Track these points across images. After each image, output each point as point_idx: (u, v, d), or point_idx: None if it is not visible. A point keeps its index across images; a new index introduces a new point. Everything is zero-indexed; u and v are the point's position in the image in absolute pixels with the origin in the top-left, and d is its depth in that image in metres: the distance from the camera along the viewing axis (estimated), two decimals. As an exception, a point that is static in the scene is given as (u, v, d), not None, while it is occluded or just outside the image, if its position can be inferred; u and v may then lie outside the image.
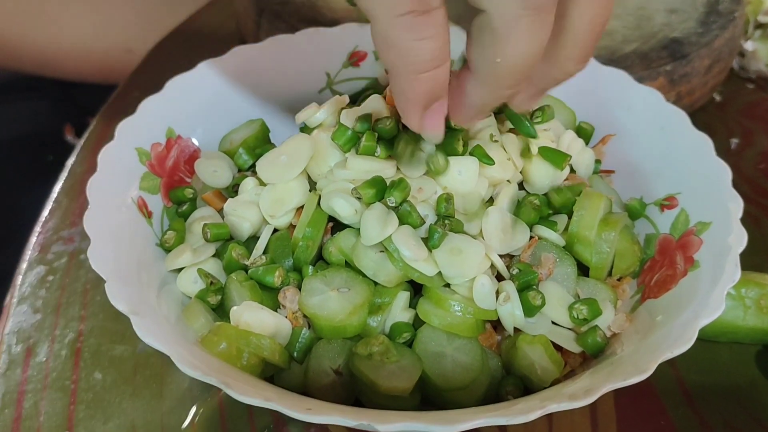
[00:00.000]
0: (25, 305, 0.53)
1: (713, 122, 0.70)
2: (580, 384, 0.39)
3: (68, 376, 0.48)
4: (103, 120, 0.69)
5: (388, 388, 0.40)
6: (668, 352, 0.37)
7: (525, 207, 0.46)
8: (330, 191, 0.45)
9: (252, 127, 0.54)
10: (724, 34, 0.67)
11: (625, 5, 0.73)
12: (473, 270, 0.42)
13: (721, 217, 0.45)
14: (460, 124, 0.43)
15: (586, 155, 0.51)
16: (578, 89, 0.55)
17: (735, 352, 0.50)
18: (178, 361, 0.36)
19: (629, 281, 0.48)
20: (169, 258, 0.47)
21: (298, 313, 0.44)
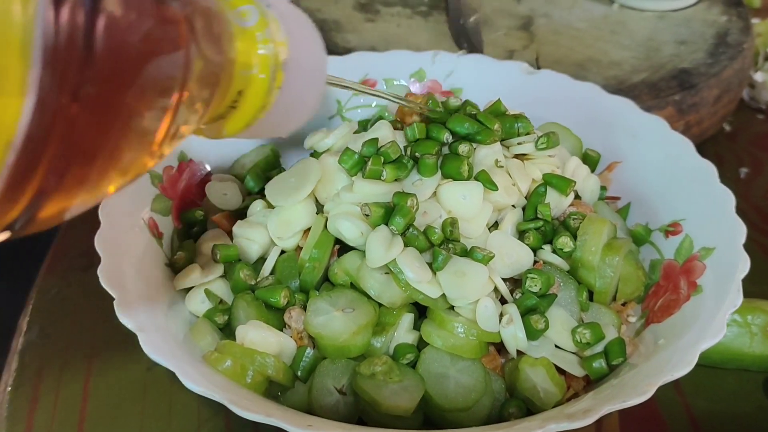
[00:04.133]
0: (36, 324, 0.54)
1: (723, 152, 0.71)
2: (580, 405, 0.39)
3: (78, 394, 0.49)
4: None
5: (390, 408, 0.40)
6: (668, 375, 0.38)
7: (529, 231, 0.46)
8: (337, 214, 0.45)
9: (263, 151, 0.55)
10: (733, 65, 0.68)
11: (635, 36, 0.74)
12: (477, 292, 0.43)
13: (724, 242, 0.46)
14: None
15: (591, 181, 0.52)
16: (585, 117, 0.56)
17: (742, 379, 0.49)
18: (183, 377, 0.37)
19: (634, 306, 0.49)
20: (178, 278, 0.48)
21: (303, 332, 0.44)
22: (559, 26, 0.76)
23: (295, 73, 0.32)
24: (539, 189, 0.48)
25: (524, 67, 0.60)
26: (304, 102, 0.36)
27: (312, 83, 0.35)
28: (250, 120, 0.32)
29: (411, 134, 0.48)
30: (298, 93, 0.34)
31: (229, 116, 0.32)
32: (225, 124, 0.32)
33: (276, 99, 0.32)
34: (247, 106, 0.31)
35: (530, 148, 0.49)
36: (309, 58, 0.34)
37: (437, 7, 0.78)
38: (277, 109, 0.33)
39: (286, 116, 0.35)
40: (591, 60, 0.70)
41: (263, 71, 0.31)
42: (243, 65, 0.30)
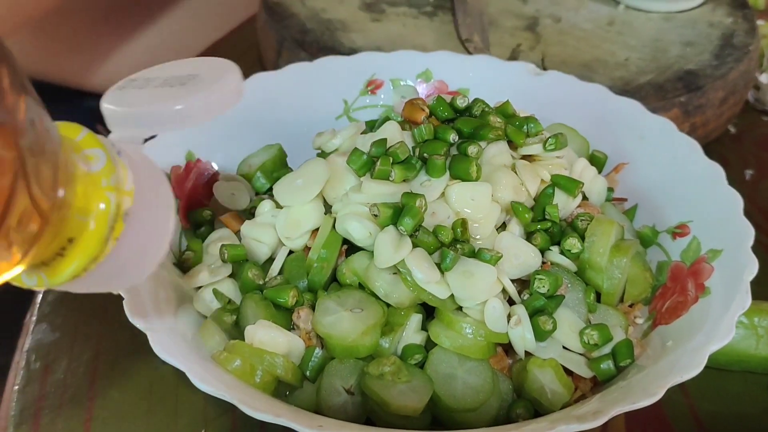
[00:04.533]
0: (43, 322, 0.54)
1: (728, 154, 0.71)
2: (589, 406, 0.39)
3: (85, 393, 0.49)
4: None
5: (398, 408, 0.40)
6: (678, 377, 0.38)
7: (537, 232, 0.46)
8: (345, 214, 0.45)
9: (270, 151, 0.55)
10: (738, 67, 0.68)
11: (641, 37, 0.74)
12: (485, 293, 0.43)
13: (732, 244, 0.46)
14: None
15: (599, 183, 0.52)
16: (592, 118, 0.56)
17: (747, 381, 0.49)
18: (192, 376, 0.37)
19: (641, 307, 0.49)
20: (186, 278, 0.48)
21: (311, 332, 0.44)
22: (565, 27, 0.76)
23: (137, 225, 0.30)
24: (547, 190, 0.48)
25: (531, 68, 0.60)
26: (143, 256, 0.33)
27: (155, 237, 0.33)
28: (78, 271, 0.29)
29: (419, 135, 0.48)
30: (138, 246, 0.32)
31: (53, 264, 0.29)
32: (48, 272, 0.29)
33: (111, 251, 0.30)
34: (76, 255, 0.29)
35: (538, 149, 0.49)
36: (156, 211, 0.33)
37: (442, 7, 0.78)
38: (111, 262, 0.30)
39: (120, 270, 0.32)
40: (597, 61, 0.70)
41: (101, 219, 0.29)
42: (79, 210, 0.28)
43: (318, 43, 0.71)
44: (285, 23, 0.74)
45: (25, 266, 0.28)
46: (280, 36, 0.72)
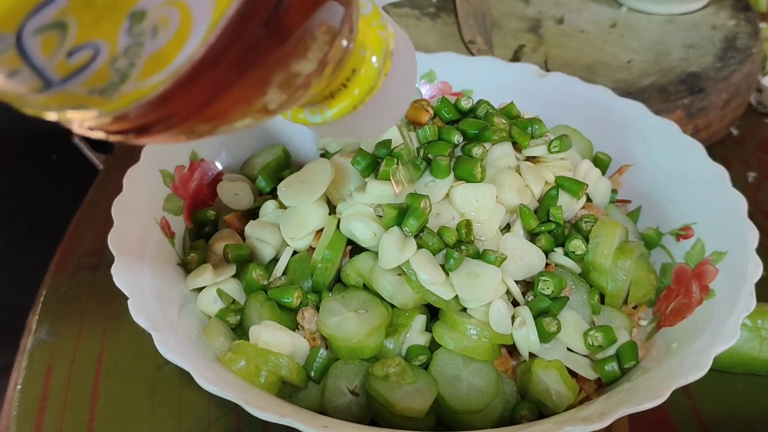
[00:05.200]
0: (46, 323, 0.54)
1: (731, 156, 0.71)
2: (595, 408, 0.39)
3: (88, 393, 0.49)
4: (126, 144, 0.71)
5: (403, 409, 0.40)
6: (683, 379, 0.38)
7: (541, 234, 0.46)
8: (349, 215, 0.45)
9: (274, 151, 0.55)
10: (741, 69, 0.68)
11: (643, 40, 0.74)
12: (489, 294, 0.43)
13: (736, 247, 0.46)
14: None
15: (603, 184, 0.52)
16: (595, 120, 0.56)
17: (751, 383, 0.49)
18: (197, 377, 0.37)
19: (645, 309, 0.49)
20: (190, 277, 0.48)
21: (316, 333, 0.44)
22: (568, 29, 0.76)
23: (397, 65, 0.34)
24: (551, 192, 0.48)
25: (535, 70, 0.60)
26: (398, 101, 0.36)
27: (407, 85, 0.36)
28: (357, 102, 0.33)
29: (423, 136, 0.48)
30: (397, 89, 0.35)
31: (338, 95, 0.32)
32: (332, 104, 0.33)
33: (382, 85, 0.33)
34: (357, 86, 0.32)
35: (543, 150, 0.50)
36: (407, 59, 0.35)
37: (445, 9, 0.78)
38: (379, 98, 0.33)
39: (382, 111, 0.35)
40: (600, 63, 0.70)
41: (377, 52, 0.32)
42: (360, 43, 0.32)
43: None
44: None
45: (317, 99, 0.32)
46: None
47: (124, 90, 0.21)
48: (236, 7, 0.22)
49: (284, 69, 0.25)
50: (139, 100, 0.22)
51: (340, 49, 0.28)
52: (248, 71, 0.24)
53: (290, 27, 0.24)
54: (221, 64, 0.23)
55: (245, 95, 0.25)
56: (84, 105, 0.22)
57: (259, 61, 0.24)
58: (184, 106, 0.23)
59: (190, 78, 0.22)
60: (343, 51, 0.29)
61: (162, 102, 0.22)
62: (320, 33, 0.26)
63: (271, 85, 0.25)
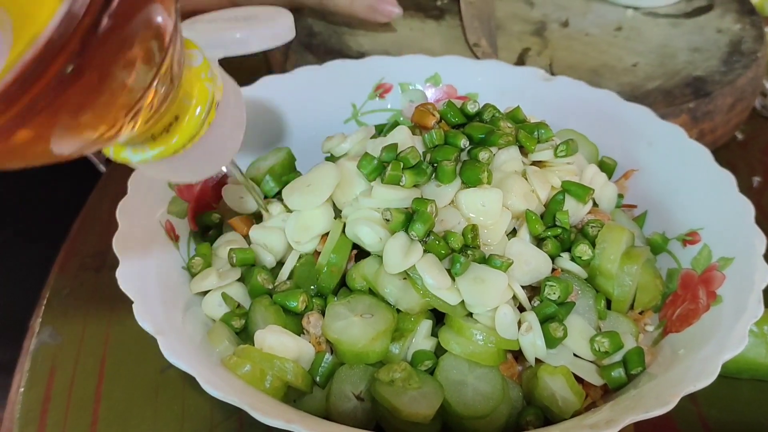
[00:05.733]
0: (49, 325, 0.53)
1: (735, 160, 0.70)
2: (602, 415, 0.39)
3: (91, 396, 0.48)
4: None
5: (409, 415, 0.40)
6: (691, 386, 0.37)
7: (548, 239, 0.46)
8: (355, 219, 0.45)
9: (279, 155, 0.55)
10: (747, 74, 0.68)
11: (648, 43, 0.74)
12: (496, 299, 0.43)
13: (744, 253, 0.45)
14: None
15: (609, 189, 0.52)
16: (601, 124, 0.56)
17: (757, 389, 0.49)
18: (202, 381, 0.37)
19: (651, 315, 0.48)
20: (194, 281, 0.48)
21: (321, 338, 0.44)
22: (573, 32, 0.76)
23: (223, 116, 0.36)
24: (558, 196, 0.48)
25: (540, 74, 0.60)
26: (225, 145, 0.38)
27: (235, 131, 0.38)
28: (178, 147, 0.34)
29: (429, 140, 0.48)
30: (221, 138, 0.37)
31: (160, 138, 0.34)
32: (153, 145, 0.34)
33: (205, 133, 0.35)
34: (179, 132, 0.34)
35: (549, 155, 0.49)
36: (235, 111, 0.38)
37: (450, 11, 0.78)
38: (202, 145, 0.35)
39: (208, 154, 0.37)
40: (605, 66, 0.70)
41: (201, 103, 0.34)
42: (186, 93, 0.34)
43: (325, 46, 0.71)
44: (292, 26, 0.73)
45: (139, 138, 0.33)
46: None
47: None
48: (33, 53, 0.22)
49: (91, 112, 0.26)
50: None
51: (156, 97, 0.29)
52: (47, 111, 0.24)
53: (96, 73, 0.25)
54: (19, 104, 0.23)
55: (49, 134, 0.25)
56: None
57: (61, 103, 0.24)
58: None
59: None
60: (162, 98, 0.30)
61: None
62: (133, 80, 0.27)
63: (76, 126, 0.26)
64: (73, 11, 0.23)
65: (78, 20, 0.23)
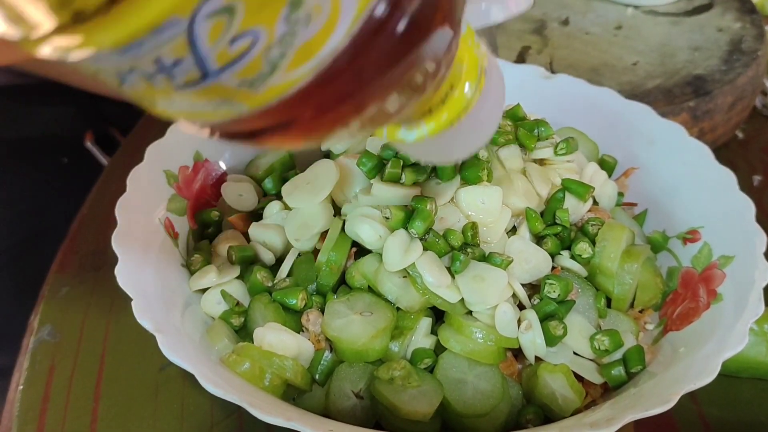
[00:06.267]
0: (48, 323, 0.53)
1: (736, 159, 0.70)
2: (602, 413, 0.39)
3: (90, 394, 0.48)
4: (131, 143, 0.71)
5: (408, 413, 0.40)
6: (691, 384, 0.37)
7: (548, 237, 0.46)
8: (355, 216, 0.45)
9: (278, 152, 0.55)
10: (747, 72, 0.68)
11: (649, 42, 0.73)
12: (495, 298, 0.42)
13: (744, 251, 0.45)
14: None
15: (609, 187, 0.52)
16: (601, 122, 0.56)
17: (757, 387, 0.49)
18: (201, 379, 0.36)
19: (651, 313, 0.48)
20: (193, 279, 0.48)
21: (320, 335, 0.44)
22: (573, 30, 0.76)
23: (490, 83, 0.34)
24: (558, 194, 0.47)
25: (541, 72, 0.60)
26: (490, 119, 0.36)
27: (498, 103, 0.36)
28: (454, 118, 0.33)
29: (429, 137, 0.48)
30: (490, 106, 0.35)
31: (436, 111, 0.33)
32: (430, 119, 0.33)
33: (476, 102, 0.33)
34: (454, 102, 0.32)
35: (549, 153, 0.49)
36: (497, 78, 0.35)
37: (450, 10, 0.78)
38: (474, 115, 0.34)
39: (476, 128, 0.35)
40: (605, 65, 0.70)
41: (472, 69, 0.32)
42: (458, 61, 0.32)
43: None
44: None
45: (415, 115, 0.32)
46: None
47: (272, 82, 0.21)
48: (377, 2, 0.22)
49: (411, 73, 0.25)
50: (282, 95, 0.22)
51: (453, 56, 0.28)
52: (382, 72, 0.23)
53: (425, 29, 0.24)
54: (361, 60, 0.22)
55: (371, 98, 0.24)
56: (229, 99, 0.22)
57: (393, 63, 0.23)
58: (313, 107, 0.23)
59: (331, 72, 0.22)
60: (451, 60, 0.29)
61: (300, 98, 0.22)
62: (444, 38, 0.26)
63: (395, 89, 0.25)
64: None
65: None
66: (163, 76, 0.20)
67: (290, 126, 0.24)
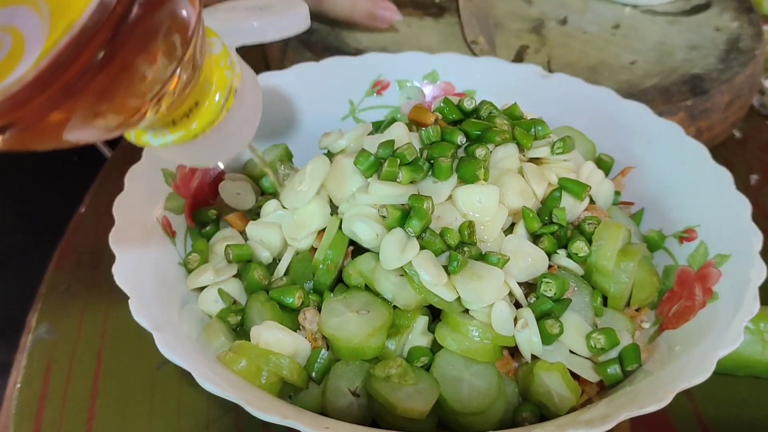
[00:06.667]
0: (45, 321, 0.53)
1: (733, 158, 0.70)
2: (597, 411, 0.39)
3: (87, 392, 0.48)
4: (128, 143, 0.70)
5: (405, 410, 0.40)
6: (686, 382, 0.37)
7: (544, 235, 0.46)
8: (352, 215, 0.45)
9: (276, 151, 0.55)
10: (744, 71, 0.68)
11: (646, 40, 0.74)
12: (492, 296, 0.43)
13: (740, 250, 0.46)
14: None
15: (606, 186, 0.52)
16: (599, 121, 0.56)
17: (753, 386, 0.49)
18: (198, 377, 0.37)
19: (647, 312, 0.49)
20: (191, 277, 0.48)
21: (317, 334, 0.44)
22: (571, 30, 0.76)
23: (241, 103, 0.37)
24: (554, 193, 0.48)
25: (538, 71, 0.60)
26: (238, 135, 0.39)
27: (251, 118, 0.39)
28: (198, 132, 0.35)
29: (426, 136, 0.48)
30: (238, 124, 0.38)
31: (180, 123, 0.35)
32: (173, 130, 0.35)
33: (223, 119, 0.36)
34: (200, 115, 0.35)
35: (546, 152, 0.49)
36: (252, 98, 0.39)
37: (448, 9, 0.78)
38: (221, 129, 0.36)
39: (222, 142, 0.38)
40: (602, 64, 0.70)
41: (220, 89, 0.35)
42: (206, 79, 0.35)
43: (323, 43, 0.71)
44: (290, 23, 0.73)
45: (160, 122, 0.35)
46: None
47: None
48: (68, 40, 0.24)
49: (119, 97, 0.27)
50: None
51: (179, 83, 0.31)
52: (78, 95, 0.25)
53: (125, 60, 0.26)
54: (53, 87, 0.24)
55: (79, 117, 0.27)
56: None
57: (91, 88, 0.26)
58: (20, 119, 0.25)
59: (22, 96, 0.24)
60: (184, 84, 0.31)
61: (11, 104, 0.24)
62: (158, 67, 0.28)
63: (105, 110, 0.27)
64: (106, 0, 0.24)
65: (111, 9, 0.24)
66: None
67: (13, 127, 0.25)
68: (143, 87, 0.28)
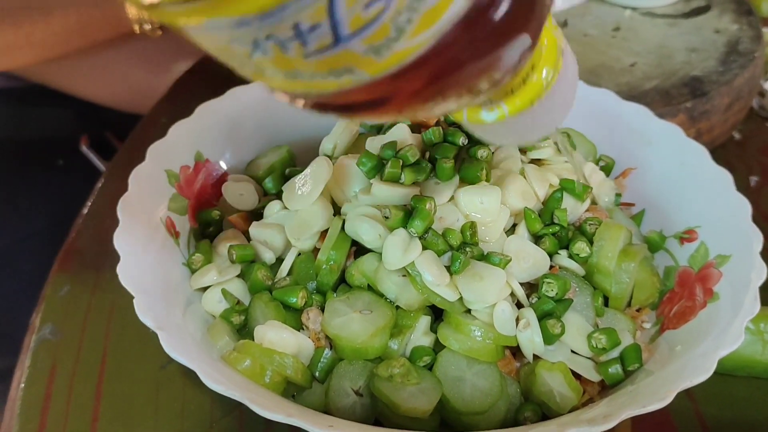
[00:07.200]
0: (49, 322, 0.54)
1: (733, 160, 0.71)
2: (599, 410, 0.39)
3: (91, 393, 0.49)
4: (131, 145, 0.71)
5: (407, 410, 0.40)
6: (687, 382, 0.38)
7: (546, 236, 0.47)
8: (354, 216, 0.45)
9: (278, 152, 0.56)
10: (744, 74, 0.68)
11: (646, 43, 0.74)
12: (494, 296, 0.43)
13: (741, 250, 0.46)
14: None
15: (607, 187, 0.52)
16: (599, 123, 0.56)
17: (753, 386, 0.49)
18: (203, 376, 0.37)
19: (648, 312, 0.49)
20: (194, 277, 0.48)
21: (320, 333, 0.44)
22: (571, 32, 0.76)
23: (566, 64, 0.34)
24: (556, 194, 0.48)
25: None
26: (565, 100, 0.37)
27: (572, 84, 0.37)
28: (533, 98, 0.33)
29: (428, 138, 0.48)
30: (566, 87, 0.35)
31: (517, 91, 0.33)
32: (510, 100, 0.33)
33: (554, 84, 0.33)
34: (534, 82, 0.33)
35: (547, 153, 0.50)
36: (572, 59, 0.36)
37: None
38: (552, 95, 0.34)
39: (552, 109, 0.36)
40: (603, 66, 0.70)
41: (552, 49, 0.33)
42: (539, 41, 0.31)
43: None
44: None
45: (499, 94, 0.33)
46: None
47: (396, 48, 0.22)
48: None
49: (512, 47, 0.25)
50: (402, 62, 0.22)
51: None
52: (494, 41, 0.24)
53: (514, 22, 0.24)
54: (477, 28, 0.23)
55: (475, 71, 0.25)
56: (352, 67, 0.22)
57: (508, 32, 0.24)
58: (423, 77, 0.23)
59: (448, 39, 0.22)
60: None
61: (415, 67, 0.23)
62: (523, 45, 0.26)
63: (498, 63, 0.25)
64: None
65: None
66: (296, 42, 0.20)
67: (387, 102, 0.24)
68: (511, 52, 0.26)
